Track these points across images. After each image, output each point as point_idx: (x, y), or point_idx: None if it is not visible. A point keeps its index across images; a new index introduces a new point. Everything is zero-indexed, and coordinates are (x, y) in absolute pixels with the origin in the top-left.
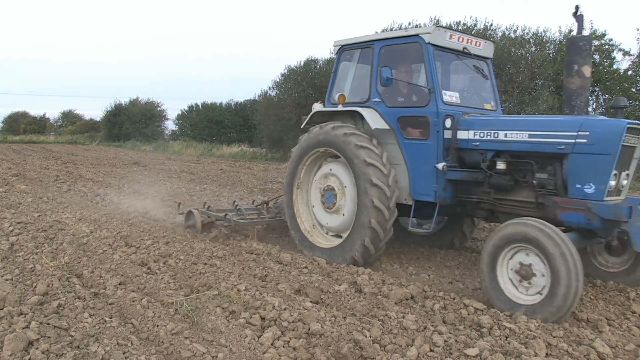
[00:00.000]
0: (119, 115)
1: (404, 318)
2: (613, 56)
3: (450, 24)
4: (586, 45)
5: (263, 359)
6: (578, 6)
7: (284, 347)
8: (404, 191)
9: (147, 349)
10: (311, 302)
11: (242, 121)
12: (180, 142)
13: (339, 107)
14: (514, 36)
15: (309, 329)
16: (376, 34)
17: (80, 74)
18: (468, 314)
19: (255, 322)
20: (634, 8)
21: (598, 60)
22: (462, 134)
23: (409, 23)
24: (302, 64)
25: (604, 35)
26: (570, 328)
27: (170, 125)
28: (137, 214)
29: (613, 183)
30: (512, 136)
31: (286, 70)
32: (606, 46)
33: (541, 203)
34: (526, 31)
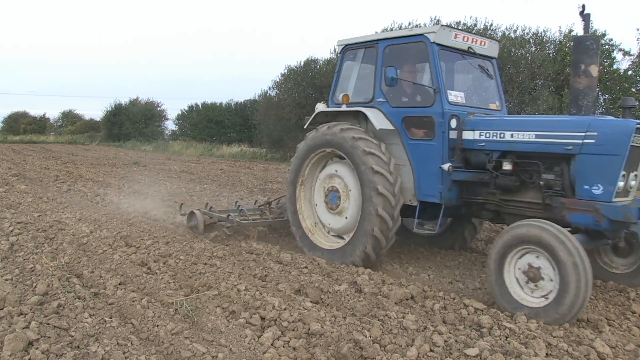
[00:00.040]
0: (119, 115)
1: (404, 318)
2: (613, 56)
3: (450, 24)
4: (593, 44)
5: (263, 359)
6: (584, 5)
7: (284, 347)
8: (408, 192)
9: (147, 349)
10: (311, 302)
11: (242, 121)
12: (180, 142)
13: (343, 107)
14: (514, 36)
15: (309, 329)
16: (380, 33)
17: (80, 74)
18: (468, 314)
19: (255, 322)
20: (634, 8)
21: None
22: (467, 134)
23: (409, 23)
24: (302, 64)
25: (604, 35)
26: (570, 328)
27: (170, 125)
28: (137, 214)
29: (621, 184)
30: (518, 136)
31: (286, 70)
32: (606, 46)
33: (548, 204)
34: (526, 31)
